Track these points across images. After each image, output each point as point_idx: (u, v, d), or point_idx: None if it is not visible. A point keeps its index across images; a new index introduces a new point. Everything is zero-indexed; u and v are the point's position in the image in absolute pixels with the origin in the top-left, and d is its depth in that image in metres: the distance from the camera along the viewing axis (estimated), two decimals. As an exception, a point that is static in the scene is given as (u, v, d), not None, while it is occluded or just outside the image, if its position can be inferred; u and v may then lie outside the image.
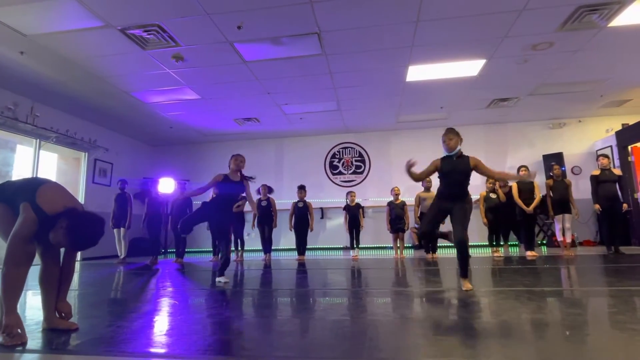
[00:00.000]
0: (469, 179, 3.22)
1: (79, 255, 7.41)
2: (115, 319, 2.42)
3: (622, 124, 7.53)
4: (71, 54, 4.94)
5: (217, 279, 3.84)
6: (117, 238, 6.85)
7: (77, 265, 6.47)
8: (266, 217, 6.60)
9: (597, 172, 5.98)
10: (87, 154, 7.74)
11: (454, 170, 3.19)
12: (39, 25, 4.26)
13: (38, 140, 6.56)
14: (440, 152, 3.33)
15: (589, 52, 5.24)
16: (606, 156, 6.02)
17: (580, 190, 7.57)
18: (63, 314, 2.12)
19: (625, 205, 5.93)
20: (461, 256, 3.08)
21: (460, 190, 3.19)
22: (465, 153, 3.27)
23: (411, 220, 6.98)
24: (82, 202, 7.52)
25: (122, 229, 6.81)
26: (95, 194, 7.80)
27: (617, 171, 6.17)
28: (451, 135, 3.23)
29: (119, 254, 6.87)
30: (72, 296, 3.40)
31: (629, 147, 7.24)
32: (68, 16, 4.09)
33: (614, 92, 6.91)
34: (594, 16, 4.33)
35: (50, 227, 1.92)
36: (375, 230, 8.47)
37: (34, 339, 1.93)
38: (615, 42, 4.99)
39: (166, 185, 7.75)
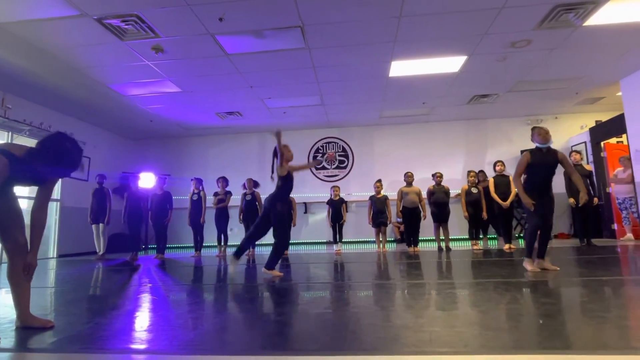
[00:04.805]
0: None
1: (54, 251, 7.20)
2: (93, 316, 2.37)
3: (596, 121, 7.80)
4: (45, 43, 4.76)
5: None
6: (95, 234, 6.69)
7: (54, 262, 6.29)
8: (251, 211, 6.55)
9: (570, 168, 6.19)
10: (62, 147, 7.48)
11: (545, 163, 3.65)
12: (10, 13, 4.08)
13: (10, 133, 6.32)
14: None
15: (565, 50, 5.39)
16: (578, 152, 6.25)
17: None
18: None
19: (596, 200, 6.16)
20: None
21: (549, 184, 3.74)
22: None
23: (393, 214, 7.06)
24: (58, 198, 7.32)
25: (100, 225, 6.65)
26: (72, 188, 7.57)
27: (589, 167, 6.41)
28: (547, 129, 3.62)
29: (97, 250, 6.72)
30: (48, 293, 3.31)
31: (602, 143, 7.51)
32: (41, 4, 3.93)
33: (589, 89, 7.14)
34: (570, 15, 4.46)
35: (25, 170, 1.89)
36: (358, 224, 8.53)
37: (7, 338, 1.87)
38: (589, 41, 5.14)
39: (146, 180, 7.59)
